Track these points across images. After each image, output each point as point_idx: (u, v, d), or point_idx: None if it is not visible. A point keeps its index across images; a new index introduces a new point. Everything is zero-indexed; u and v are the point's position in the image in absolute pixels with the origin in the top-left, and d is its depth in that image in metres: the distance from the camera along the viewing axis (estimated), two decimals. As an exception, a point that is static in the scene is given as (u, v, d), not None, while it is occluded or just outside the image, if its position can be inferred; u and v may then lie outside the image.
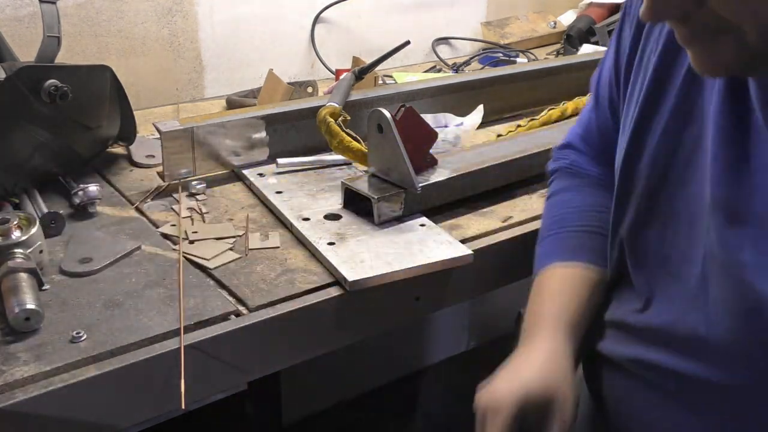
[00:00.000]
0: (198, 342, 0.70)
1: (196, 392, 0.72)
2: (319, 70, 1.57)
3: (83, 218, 0.91)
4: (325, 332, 0.80)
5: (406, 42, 1.17)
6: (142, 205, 0.95)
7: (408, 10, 1.67)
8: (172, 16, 1.35)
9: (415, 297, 0.86)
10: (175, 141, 0.98)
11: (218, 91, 1.45)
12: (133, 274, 0.80)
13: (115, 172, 1.05)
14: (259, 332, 0.74)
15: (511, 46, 1.75)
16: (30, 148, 0.91)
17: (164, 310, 0.73)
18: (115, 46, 1.31)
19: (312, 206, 0.94)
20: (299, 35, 1.53)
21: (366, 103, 1.12)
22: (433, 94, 1.22)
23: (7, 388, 0.63)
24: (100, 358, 0.67)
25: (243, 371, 0.75)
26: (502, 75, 1.31)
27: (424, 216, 0.93)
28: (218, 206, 0.96)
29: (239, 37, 1.45)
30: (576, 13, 1.90)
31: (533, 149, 1.05)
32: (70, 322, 0.71)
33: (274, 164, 1.04)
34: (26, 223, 0.78)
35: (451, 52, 1.77)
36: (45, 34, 0.95)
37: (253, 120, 1.03)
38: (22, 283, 0.71)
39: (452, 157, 1.01)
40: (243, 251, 0.85)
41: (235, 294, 0.77)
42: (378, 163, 0.93)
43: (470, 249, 0.86)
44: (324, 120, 0.99)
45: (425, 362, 1.86)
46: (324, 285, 0.80)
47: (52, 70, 0.90)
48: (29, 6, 1.20)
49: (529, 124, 1.20)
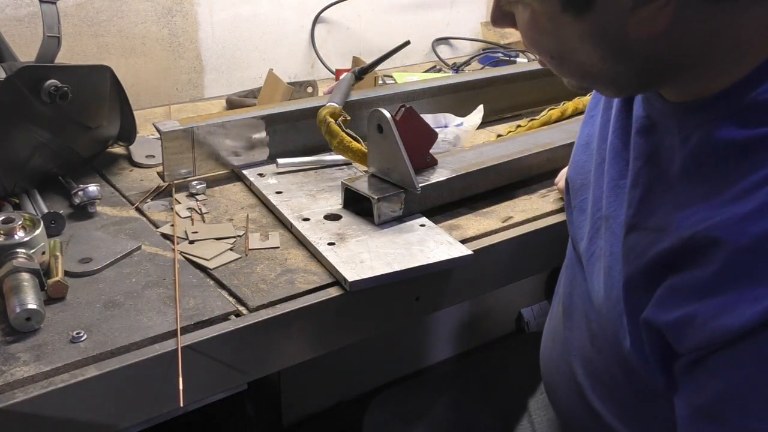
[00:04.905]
0: (198, 342, 0.70)
1: (196, 392, 0.72)
2: (319, 70, 1.57)
3: (83, 218, 0.91)
4: (325, 332, 0.80)
5: (406, 42, 1.17)
6: (142, 205, 0.95)
7: (408, 10, 1.67)
8: (172, 16, 1.35)
9: (415, 297, 0.86)
10: (175, 141, 0.98)
11: (218, 91, 1.45)
12: (133, 274, 0.80)
13: (115, 172, 1.05)
14: (259, 332, 0.74)
15: (511, 46, 1.75)
16: (30, 148, 0.91)
17: (164, 310, 0.73)
18: (115, 46, 1.31)
19: (312, 206, 0.94)
20: (299, 35, 1.53)
21: (366, 103, 1.12)
22: (433, 94, 1.22)
23: (7, 388, 0.63)
24: (100, 358, 0.67)
25: (243, 371, 0.75)
26: (502, 75, 1.31)
27: (424, 216, 0.93)
28: (218, 206, 0.96)
29: (239, 37, 1.45)
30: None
31: (533, 149, 1.05)
32: (70, 322, 0.71)
33: (274, 164, 1.04)
34: (30, 224, 0.78)
35: (451, 52, 1.78)
36: (45, 34, 0.95)
37: (253, 120, 1.03)
38: (24, 283, 0.71)
39: (452, 157, 1.01)
40: (243, 251, 0.85)
41: (235, 294, 0.77)
42: (378, 163, 0.93)
43: (470, 249, 0.86)
44: (324, 120, 0.99)
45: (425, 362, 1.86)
46: (324, 285, 0.80)
47: (52, 70, 0.90)
48: (29, 6, 1.20)
49: (529, 124, 1.20)
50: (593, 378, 0.74)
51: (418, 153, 0.93)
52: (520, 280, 0.99)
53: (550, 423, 0.95)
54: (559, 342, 0.81)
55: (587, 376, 0.74)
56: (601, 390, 0.73)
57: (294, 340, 0.78)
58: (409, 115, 0.90)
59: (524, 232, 0.95)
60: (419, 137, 0.93)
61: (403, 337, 1.78)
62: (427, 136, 0.95)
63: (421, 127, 0.93)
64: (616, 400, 0.71)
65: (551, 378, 0.85)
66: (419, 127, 0.93)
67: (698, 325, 0.53)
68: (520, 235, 0.94)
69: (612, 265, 0.66)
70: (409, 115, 0.90)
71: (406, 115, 0.90)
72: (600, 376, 0.72)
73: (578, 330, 0.76)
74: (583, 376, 0.75)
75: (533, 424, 0.96)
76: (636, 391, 0.67)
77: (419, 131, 0.93)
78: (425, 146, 0.95)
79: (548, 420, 0.95)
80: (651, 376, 0.61)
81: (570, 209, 0.80)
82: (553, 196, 1.03)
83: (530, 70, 1.34)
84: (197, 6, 1.37)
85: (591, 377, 0.74)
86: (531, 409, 0.98)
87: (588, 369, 0.74)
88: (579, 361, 0.76)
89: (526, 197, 1.03)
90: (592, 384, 0.74)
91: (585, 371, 0.75)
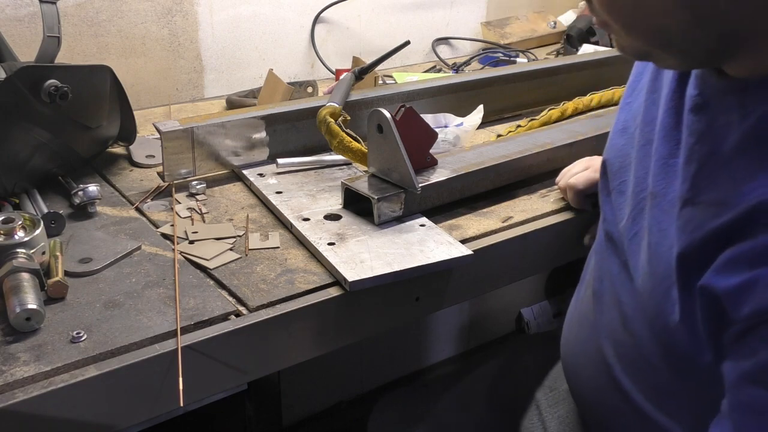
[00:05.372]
0: (198, 342, 0.70)
1: (196, 392, 0.72)
2: (319, 70, 1.57)
3: (83, 218, 0.91)
4: (325, 332, 0.80)
5: (406, 42, 1.17)
6: (142, 205, 0.95)
7: (408, 10, 1.67)
8: (172, 16, 1.35)
9: (415, 297, 0.86)
10: (175, 141, 0.98)
11: (218, 91, 1.45)
12: (133, 274, 0.80)
13: (115, 172, 1.05)
14: (259, 332, 0.74)
15: (511, 46, 1.75)
16: (30, 148, 0.91)
17: (164, 311, 0.73)
18: (115, 46, 1.31)
19: (312, 206, 0.94)
20: (299, 35, 1.53)
21: (366, 103, 1.12)
22: (433, 94, 1.22)
23: (7, 388, 0.63)
24: (100, 358, 0.67)
25: (243, 371, 0.75)
26: (502, 75, 1.31)
27: (424, 216, 0.93)
28: (218, 206, 0.96)
29: (239, 37, 1.45)
30: (576, 13, 1.90)
31: (533, 149, 1.05)
32: (70, 322, 0.71)
33: (274, 164, 1.04)
34: (30, 224, 0.78)
35: (451, 52, 1.78)
36: (45, 34, 0.95)
37: (253, 120, 1.03)
38: (24, 283, 0.71)
39: (452, 157, 1.01)
40: (243, 251, 0.85)
41: (235, 294, 0.78)
42: (378, 163, 0.93)
43: (470, 249, 0.86)
44: (324, 120, 0.99)
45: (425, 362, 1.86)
46: (324, 285, 0.80)
47: (52, 70, 0.90)
48: (29, 6, 1.20)
49: (529, 124, 1.20)
50: (625, 359, 0.76)
51: (418, 153, 0.93)
52: (520, 280, 0.99)
53: (561, 419, 0.95)
54: (587, 326, 0.83)
55: (618, 358, 0.76)
56: (632, 371, 0.75)
57: (294, 340, 0.78)
58: (409, 115, 0.90)
59: (524, 232, 0.95)
60: (419, 137, 0.93)
61: (403, 337, 1.78)
62: (427, 136, 0.95)
63: (421, 127, 0.93)
64: (649, 380, 0.73)
65: (575, 362, 0.86)
66: (419, 127, 0.93)
67: (759, 290, 0.55)
68: (520, 235, 0.94)
69: (659, 241, 0.67)
70: (409, 115, 0.90)
71: (406, 115, 0.90)
72: (632, 357, 0.74)
73: (608, 313, 0.78)
74: (614, 358, 0.77)
75: (544, 421, 0.96)
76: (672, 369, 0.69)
77: (419, 131, 0.93)
78: (425, 146, 0.95)
79: (559, 417, 0.96)
80: (696, 349, 0.63)
81: (607, 192, 0.81)
82: (553, 196, 1.03)
83: (530, 70, 1.34)
84: (197, 6, 1.37)
85: (622, 359, 0.76)
86: (541, 407, 0.98)
87: (619, 351, 0.76)
88: (609, 342, 0.77)
89: (526, 197, 1.03)
90: (623, 366, 0.76)
91: (616, 353, 0.76)
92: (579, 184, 0.98)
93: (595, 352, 0.80)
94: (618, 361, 0.76)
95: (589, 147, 1.09)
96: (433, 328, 1.84)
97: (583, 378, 0.84)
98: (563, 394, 0.98)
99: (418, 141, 0.93)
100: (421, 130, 0.93)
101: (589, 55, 1.49)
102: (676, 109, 0.70)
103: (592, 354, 0.81)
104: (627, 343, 0.74)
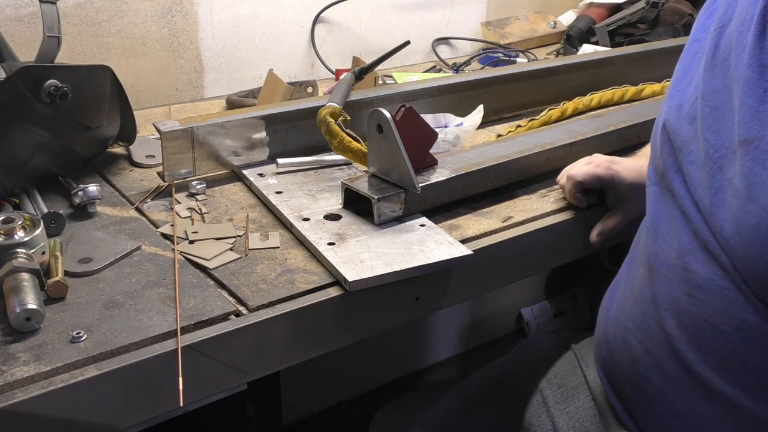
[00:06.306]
0: (198, 342, 0.70)
1: (196, 392, 0.72)
2: (319, 70, 1.57)
3: (83, 218, 0.91)
4: (325, 332, 0.80)
5: (406, 42, 1.17)
6: (142, 205, 0.95)
7: (408, 10, 1.68)
8: (172, 16, 1.35)
9: (415, 297, 0.86)
10: (175, 141, 0.98)
11: (218, 91, 1.45)
12: (133, 274, 0.80)
13: (115, 172, 1.05)
14: (259, 332, 0.74)
15: (511, 46, 1.75)
16: (30, 148, 0.91)
17: (164, 311, 0.73)
18: (115, 46, 1.31)
19: (312, 206, 0.94)
20: (299, 35, 1.53)
21: (366, 103, 1.12)
22: (433, 94, 1.22)
23: (7, 388, 0.63)
24: (100, 358, 0.67)
25: (243, 371, 0.75)
26: (502, 75, 1.31)
27: (424, 216, 0.93)
28: (218, 206, 0.96)
29: (239, 37, 1.45)
30: (576, 13, 1.90)
31: (533, 149, 1.05)
32: (70, 322, 0.71)
33: (274, 164, 1.04)
34: (30, 224, 0.78)
35: (451, 52, 1.78)
36: (45, 34, 0.95)
37: (253, 120, 1.03)
38: (24, 283, 0.71)
39: (452, 157, 1.01)
40: (243, 251, 0.85)
41: (235, 294, 0.78)
42: (378, 163, 0.93)
43: (470, 249, 0.86)
44: (324, 120, 0.99)
45: (425, 362, 1.86)
46: (324, 285, 0.80)
47: (52, 70, 0.90)
48: (29, 6, 1.20)
49: (529, 124, 1.20)
50: (689, 329, 0.76)
51: (418, 153, 0.93)
52: (520, 280, 0.99)
53: (571, 415, 0.95)
54: (640, 301, 0.83)
55: (681, 328, 0.76)
56: (698, 339, 0.75)
57: (294, 340, 0.78)
58: (409, 115, 0.90)
59: (524, 232, 0.95)
60: (419, 137, 0.93)
61: (403, 337, 1.78)
62: (427, 136, 0.95)
63: (421, 127, 0.93)
64: (717, 347, 0.73)
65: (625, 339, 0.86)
66: (419, 127, 0.93)
67: None
68: (520, 235, 0.94)
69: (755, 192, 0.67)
70: (409, 115, 0.90)
71: (406, 115, 0.90)
72: (698, 326, 0.74)
73: (668, 284, 0.78)
74: (676, 328, 0.77)
75: (553, 418, 0.96)
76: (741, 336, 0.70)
77: (419, 131, 0.93)
78: (425, 146, 0.95)
79: (569, 413, 0.96)
80: None
81: (677, 165, 0.80)
82: (554, 196, 1.03)
83: (530, 70, 1.34)
84: (197, 6, 1.37)
85: (686, 329, 0.76)
86: (549, 404, 0.98)
87: (683, 321, 0.76)
88: (671, 314, 0.78)
89: (526, 197, 1.03)
90: (686, 336, 0.76)
91: (679, 323, 0.77)
92: (578, 176, 0.98)
93: (653, 325, 0.80)
94: (681, 331, 0.77)
95: (589, 147, 1.09)
96: (433, 328, 1.84)
97: (637, 353, 0.84)
98: (572, 390, 0.98)
99: (418, 141, 0.93)
100: (421, 130, 0.93)
101: (589, 55, 1.49)
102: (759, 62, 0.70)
103: (649, 328, 0.81)
104: (693, 312, 0.74)
